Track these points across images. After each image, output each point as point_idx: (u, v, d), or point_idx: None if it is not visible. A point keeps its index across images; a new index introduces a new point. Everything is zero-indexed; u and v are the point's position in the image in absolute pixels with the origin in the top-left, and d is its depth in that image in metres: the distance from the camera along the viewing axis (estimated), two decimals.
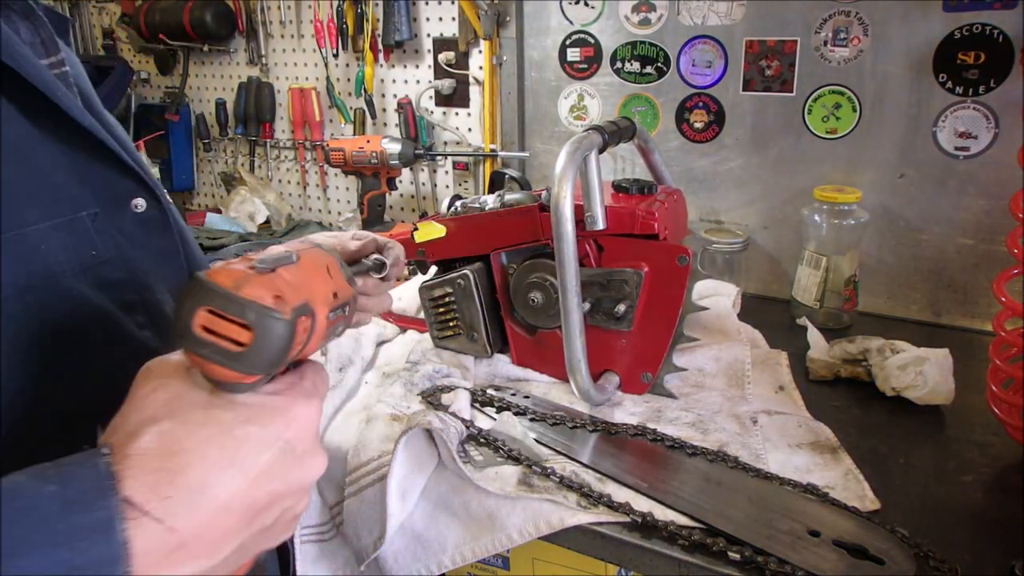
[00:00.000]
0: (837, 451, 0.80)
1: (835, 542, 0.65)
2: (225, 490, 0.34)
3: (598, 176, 0.85)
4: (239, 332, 0.35)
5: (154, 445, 0.34)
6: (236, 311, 0.35)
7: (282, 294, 0.36)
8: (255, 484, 0.36)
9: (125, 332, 0.49)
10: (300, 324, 0.37)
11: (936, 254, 1.19)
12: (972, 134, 1.12)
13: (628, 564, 0.70)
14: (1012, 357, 0.79)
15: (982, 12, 1.07)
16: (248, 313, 0.35)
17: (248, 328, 0.35)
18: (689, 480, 0.75)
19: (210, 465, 0.34)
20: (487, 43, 1.45)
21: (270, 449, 0.37)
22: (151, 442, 0.34)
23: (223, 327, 0.35)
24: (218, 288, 0.35)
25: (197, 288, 0.35)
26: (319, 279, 0.41)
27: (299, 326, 0.37)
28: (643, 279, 0.87)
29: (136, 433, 0.34)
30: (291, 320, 0.36)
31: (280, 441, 0.37)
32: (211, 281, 0.35)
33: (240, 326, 0.35)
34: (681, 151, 1.35)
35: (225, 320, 0.35)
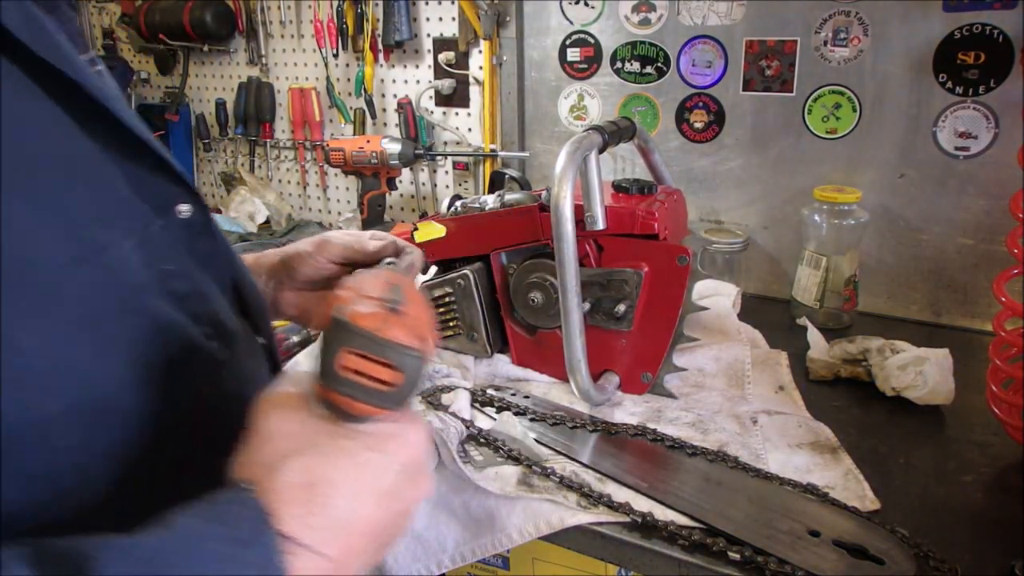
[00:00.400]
0: (837, 451, 0.80)
1: (835, 542, 0.65)
2: (361, 515, 0.37)
3: (598, 176, 0.85)
4: (384, 372, 0.37)
5: (294, 478, 0.36)
6: (382, 353, 0.37)
7: (418, 333, 0.38)
8: (380, 506, 0.38)
9: (197, 345, 0.46)
10: (428, 357, 0.39)
11: (936, 254, 1.19)
12: (972, 134, 1.12)
13: (628, 564, 0.70)
14: (1012, 357, 0.79)
15: (982, 12, 1.07)
16: (393, 355, 0.37)
17: (394, 368, 0.37)
18: (689, 480, 0.75)
19: (347, 493, 0.37)
20: (487, 43, 1.45)
21: (391, 473, 0.39)
22: (291, 476, 0.36)
23: (369, 368, 0.37)
24: (363, 331, 0.37)
25: (342, 330, 0.37)
26: (423, 306, 0.42)
27: (427, 356, 0.39)
28: (643, 279, 0.87)
29: (275, 467, 0.36)
30: (427, 357, 0.38)
31: (398, 464, 0.39)
32: (356, 324, 0.37)
33: (385, 367, 0.37)
34: (681, 151, 1.35)
35: (371, 361, 0.37)
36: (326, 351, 0.37)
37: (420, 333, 0.38)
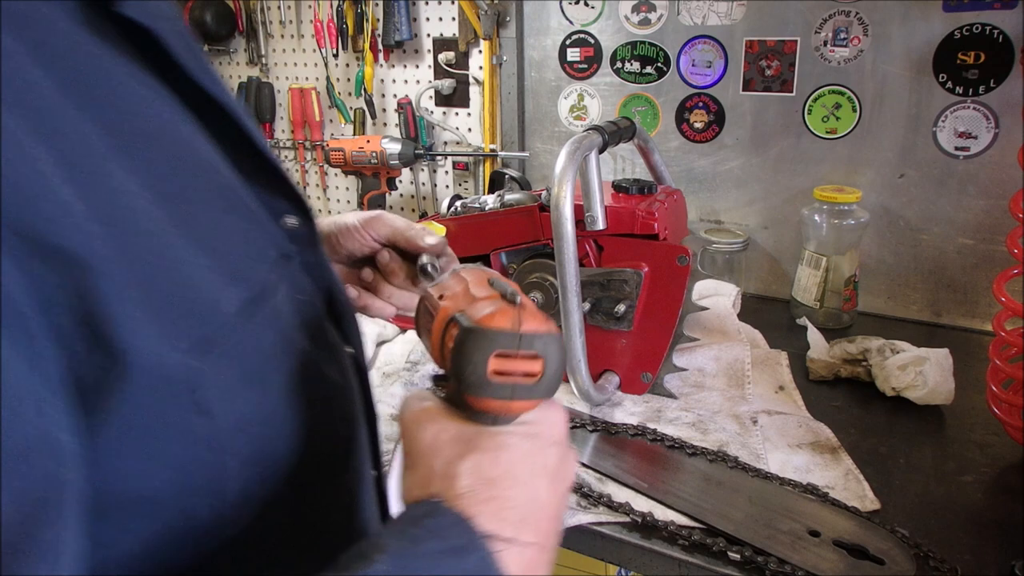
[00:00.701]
0: (837, 451, 0.80)
1: (835, 542, 0.65)
2: (541, 497, 0.38)
3: (598, 176, 0.85)
4: (532, 364, 0.37)
5: (473, 480, 0.37)
6: (527, 346, 0.37)
7: (543, 315, 0.38)
8: (553, 484, 0.40)
9: (325, 375, 0.43)
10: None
11: (936, 254, 1.19)
12: (972, 134, 1.12)
13: (628, 564, 0.70)
14: (1012, 357, 0.79)
15: (982, 12, 1.07)
16: (537, 344, 0.37)
17: (539, 357, 0.37)
18: (689, 480, 0.75)
19: (523, 482, 0.38)
20: (487, 43, 1.45)
21: (550, 454, 0.40)
22: (469, 479, 0.37)
23: (516, 365, 0.37)
24: (503, 331, 0.37)
25: (480, 337, 0.37)
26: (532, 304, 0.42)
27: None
28: (643, 279, 0.87)
29: (449, 475, 0.37)
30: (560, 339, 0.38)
31: (553, 443, 0.41)
32: (493, 327, 0.37)
33: (532, 359, 0.37)
34: (681, 151, 1.35)
35: (517, 359, 0.37)
36: (467, 360, 0.37)
37: (543, 315, 0.39)
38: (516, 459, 0.38)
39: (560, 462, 0.41)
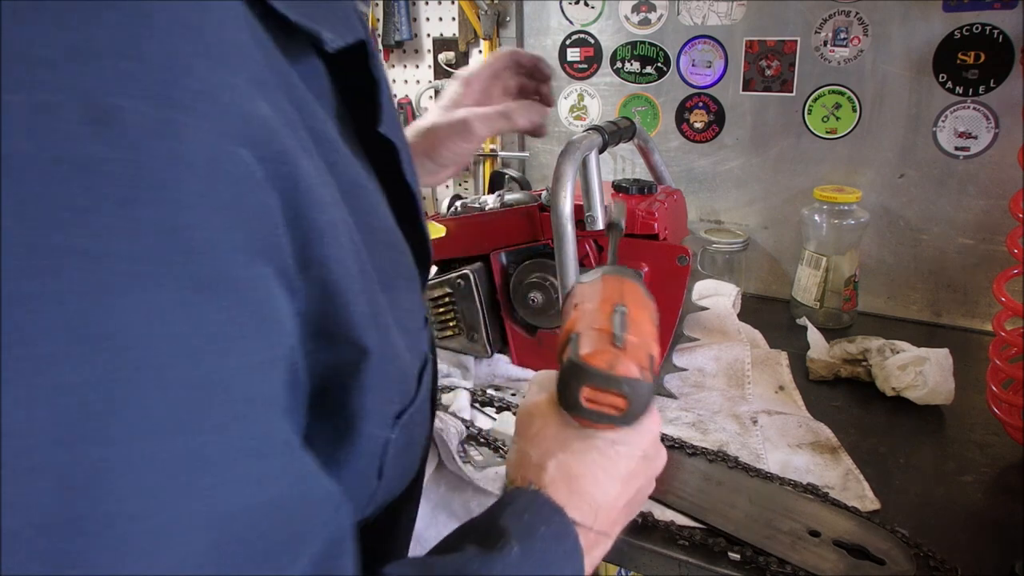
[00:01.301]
0: (837, 451, 0.80)
1: (835, 542, 0.65)
2: (611, 496, 0.45)
3: (598, 176, 0.85)
4: (617, 400, 0.43)
5: (558, 475, 0.44)
6: (615, 387, 0.43)
7: (641, 362, 0.44)
8: (628, 485, 0.47)
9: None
10: (654, 369, 0.46)
11: (936, 254, 1.19)
12: (972, 134, 1.12)
13: (628, 564, 0.70)
14: (1012, 357, 0.79)
15: (982, 12, 1.07)
16: (623, 387, 0.43)
17: (624, 397, 0.43)
18: (689, 480, 0.75)
19: (600, 481, 0.45)
20: (487, 43, 1.45)
21: (634, 459, 0.47)
22: (555, 473, 0.44)
23: (604, 399, 0.44)
24: (597, 371, 0.43)
25: (579, 371, 0.44)
26: (646, 321, 0.48)
27: (651, 374, 0.45)
28: (643, 279, 0.87)
29: (543, 467, 0.44)
30: (652, 379, 0.45)
31: (639, 451, 0.47)
32: (590, 365, 0.43)
33: (617, 396, 0.43)
34: (681, 151, 1.35)
35: (604, 393, 0.43)
36: (566, 384, 0.44)
37: (642, 360, 0.44)
38: (598, 462, 0.45)
39: (641, 467, 0.47)
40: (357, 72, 0.39)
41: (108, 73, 0.24)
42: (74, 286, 0.22)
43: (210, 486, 0.26)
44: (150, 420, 0.24)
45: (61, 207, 0.22)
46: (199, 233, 0.25)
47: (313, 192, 0.30)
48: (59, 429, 0.22)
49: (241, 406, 0.27)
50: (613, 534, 0.47)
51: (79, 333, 0.22)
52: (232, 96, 0.27)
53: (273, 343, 0.29)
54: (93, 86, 0.23)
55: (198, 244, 0.25)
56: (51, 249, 0.22)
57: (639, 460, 0.47)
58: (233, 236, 0.26)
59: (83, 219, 0.23)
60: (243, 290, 0.27)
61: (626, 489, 0.47)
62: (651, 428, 0.48)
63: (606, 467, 0.45)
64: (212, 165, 0.25)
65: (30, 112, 0.22)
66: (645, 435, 0.47)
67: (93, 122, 0.23)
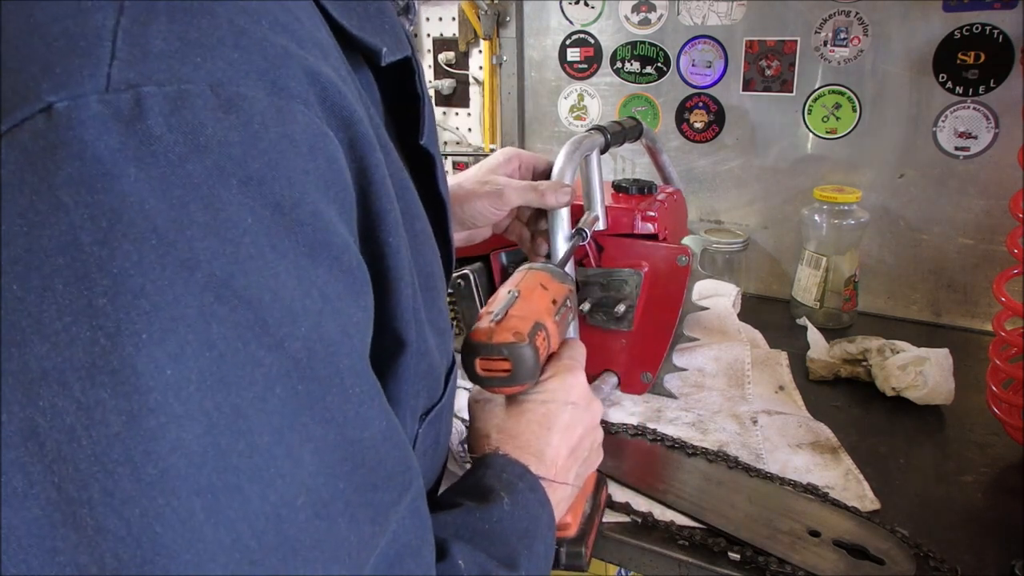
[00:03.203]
0: (837, 451, 0.80)
1: (835, 542, 0.65)
2: (553, 445, 0.52)
3: (599, 176, 0.85)
4: (502, 364, 0.51)
5: (502, 437, 0.51)
6: (495, 353, 0.51)
7: (517, 329, 0.52)
8: (566, 435, 0.53)
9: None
10: (538, 339, 0.53)
11: (936, 254, 1.19)
12: (972, 134, 1.12)
13: (628, 564, 0.70)
14: (1012, 357, 0.79)
15: (982, 12, 1.07)
16: (503, 352, 0.51)
17: (507, 359, 0.51)
18: (689, 480, 0.75)
19: (538, 434, 0.52)
20: (487, 43, 1.45)
21: (565, 410, 0.53)
22: (498, 436, 0.51)
23: (492, 365, 0.51)
24: (478, 343, 0.51)
25: (467, 346, 0.52)
26: (538, 300, 0.56)
27: (538, 340, 0.52)
28: (643, 279, 0.87)
29: (487, 434, 0.52)
30: (529, 342, 0.51)
31: (568, 404, 0.53)
32: (473, 340, 0.52)
33: (501, 360, 0.51)
34: (681, 151, 1.35)
35: (491, 360, 0.51)
36: (464, 362, 0.52)
37: (519, 328, 0.52)
38: (531, 420, 0.52)
39: (575, 416, 0.54)
40: (400, 85, 0.41)
41: (226, 62, 0.26)
42: (209, 255, 0.25)
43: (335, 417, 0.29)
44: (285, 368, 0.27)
45: (197, 184, 0.25)
46: (307, 206, 0.28)
47: (382, 185, 0.34)
48: (206, 377, 0.25)
49: (351, 359, 0.31)
50: (568, 480, 0.53)
51: (219, 295, 0.25)
52: (323, 84, 0.30)
53: (362, 306, 0.32)
54: (219, 75, 0.26)
55: (306, 216, 0.28)
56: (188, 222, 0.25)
57: (569, 410, 0.54)
58: (331, 210, 0.29)
59: (214, 195, 0.25)
60: (343, 258, 0.30)
61: (565, 438, 0.53)
62: (573, 383, 0.55)
63: (540, 422, 0.52)
64: (313, 146, 0.29)
65: (165, 99, 0.25)
66: (569, 389, 0.54)
67: (222, 108, 0.26)
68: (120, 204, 0.24)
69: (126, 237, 0.24)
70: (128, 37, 0.25)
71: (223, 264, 0.25)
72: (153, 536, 0.24)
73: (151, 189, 0.24)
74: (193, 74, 0.25)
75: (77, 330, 0.24)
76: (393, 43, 0.37)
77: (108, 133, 0.24)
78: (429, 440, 0.44)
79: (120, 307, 0.24)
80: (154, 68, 0.25)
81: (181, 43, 0.25)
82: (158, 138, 0.24)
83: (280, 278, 0.27)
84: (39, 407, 0.24)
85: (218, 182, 0.25)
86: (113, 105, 0.24)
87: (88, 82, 0.24)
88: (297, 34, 0.30)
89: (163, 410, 0.24)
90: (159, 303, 0.24)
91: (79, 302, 0.23)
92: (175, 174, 0.25)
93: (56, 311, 0.23)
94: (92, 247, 0.24)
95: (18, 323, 0.23)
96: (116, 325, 0.24)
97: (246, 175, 0.26)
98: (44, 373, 0.23)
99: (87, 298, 0.24)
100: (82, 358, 0.24)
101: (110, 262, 0.24)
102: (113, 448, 0.24)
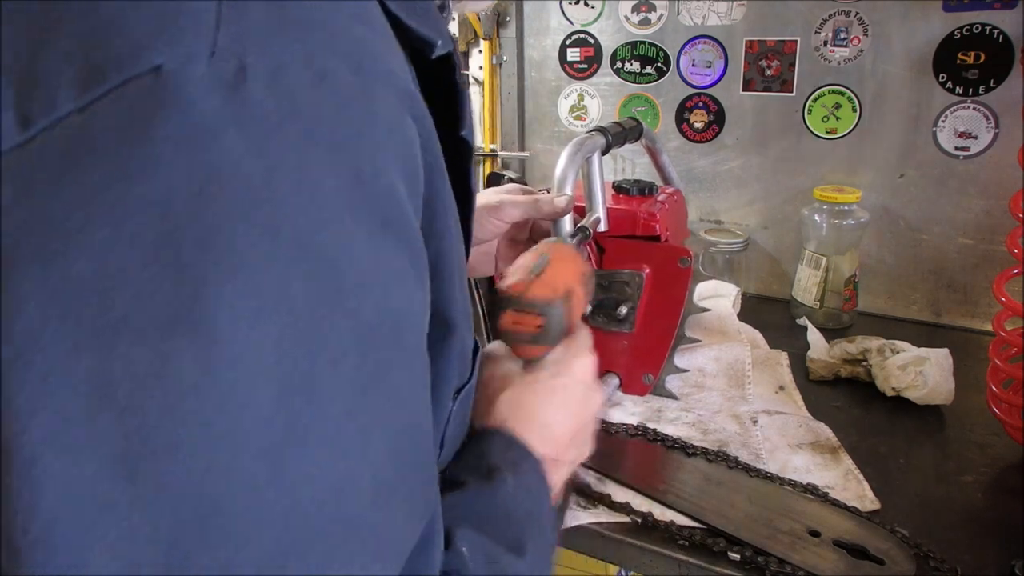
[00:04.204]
0: (837, 451, 0.80)
1: (835, 542, 0.65)
2: (559, 421, 0.50)
3: (600, 178, 0.85)
4: (535, 320, 0.50)
5: (510, 407, 0.49)
6: (529, 308, 0.50)
7: (555, 290, 0.51)
8: (574, 416, 0.52)
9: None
10: (572, 301, 0.52)
11: (936, 254, 1.19)
12: (972, 134, 1.12)
13: (628, 564, 0.70)
14: (1012, 357, 0.79)
15: (982, 12, 1.07)
16: (537, 308, 0.50)
17: (540, 315, 0.50)
18: (689, 480, 0.75)
19: (546, 410, 0.50)
20: (487, 43, 1.45)
21: (575, 389, 0.52)
22: (506, 406, 0.49)
23: (525, 319, 0.50)
24: (514, 296, 0.50)
25: (501, 299, 0.51)
26: (571, 268, 0.55)
27: (572, 302, 0.52)
28: (645, 281, 0.87)
29: (493, 402, 0.49)
30: (559, 306, 0.51)
31: (578, 383, 0.53)
32: (509, 292, 0.51)
33: (534, 316, 0.50)
34: (681, 151, 1.35)
35: (523, 314, 0.50)
36: (493, 314, 0.51)
37: (555, 287, 0.51)
38: (542, 393, 0.51)
39: (584, 397, 0.53)
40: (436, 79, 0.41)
41: (317, 42, 0.28)
42: (295, 215, 0.26)
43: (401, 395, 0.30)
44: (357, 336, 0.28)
45: (289, 148, 0.26)
46: (383, 180, 0.29)
47: (442, 172, 0.35)
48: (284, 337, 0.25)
49: (415, 337, 0.32)
50: (565, 460, 0.52)
51: (301, 254, 0.26)
52: (397, 74, 0.32)
53: (423, 287, 0.33)
54: (311, 50, 0.28)
55: (382, 189, 0.29)
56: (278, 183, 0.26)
57: (581, 391, 0.53)
58: (402, 189, 0.31)
59: (304, 157, 0.27)
60: (410, 236, 0.31)
61: (572, 417, 0.52)
62: (585, 363, 0.54)
63: (551, 398, 0.51)
64: (392, 126, 0.30)
65: (265, 69, 0.26)
66: (581, 367, 0.54)
67: (314, 80, 0.27)
68: (217, 161, 0.25)
69: (220, 194, 0.25)
70: (231, 11, 0.26)
71: (307, 224, 0.26)
72: (215, 493, 0.24)
73: (247, 149, 0.25)
74: (289, 48, 0.27)
75: (162, 281, 0.24)
76: (440, 37, 0.39)
77: (212, 95, 0.25)
78: (459, 419, 0.45)
79: (207, 261, 0.24)
80: (255, 40, 0.26)
81: (278, 21, 0.27)
82: (258, 103, 0.26)
83: (356, 244, 0.28)
84: (114, 356, 0.23)
85: (308, 146, 0.27)
86: (218, 70, 0.25)
87: (196, 47, 0.25)
88: (372, 25, 0.31)
89: (239, 365, 0.24)
90: (245, 259, 0.25)
91: (167, 253, 0.24)
92: (270, 137, 0.26)
93: (142, 261, 0.24)
94: (186, 201, 0.24)
95: (102, 271, 0.23)
96: (202, 278, 0.24)
97: (333, 141, 0.27)
98: (123, 321, 0.23)
99: (175, 250, 0.24)
100: (164, 309, 0.24)
101: (202, 217, 0.24)
102: (186, 400, 0.24)
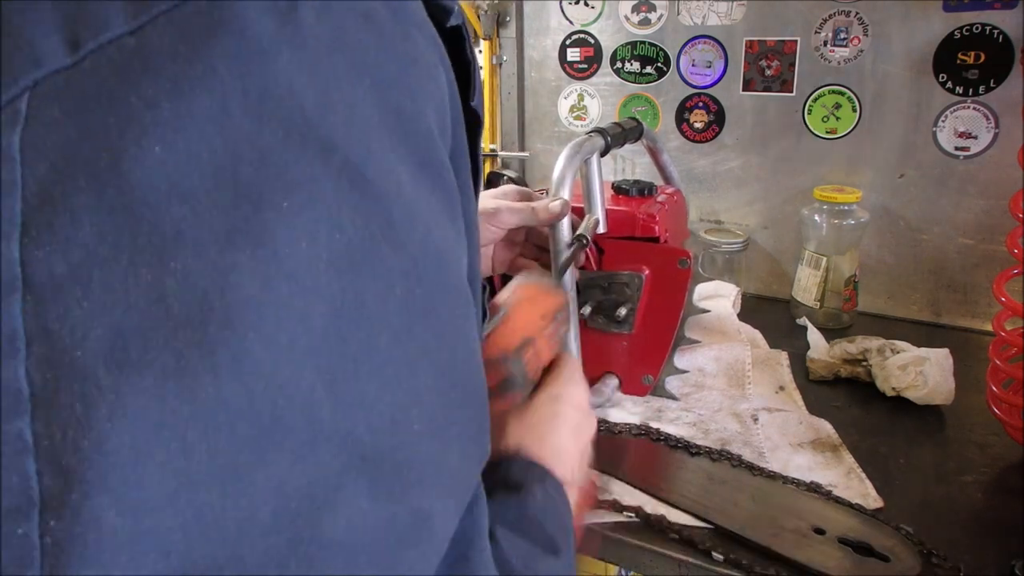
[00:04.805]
0: (838, 449, 0.81)
1: (840, 540, 0.66)
2: (563, 442, 0.52)
3: (599, 179, 0.85)
4: (496, 374, 0.52)
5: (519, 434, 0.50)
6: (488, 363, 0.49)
7: (501, 347, 0.53)
8: (575, 438, 0.53)
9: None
10: (527, 354, 0.54)
11: (936, 254, 1.20)
12: (972, 134, 1.12)
13: (628, 564, 0.70)
14: (1012, 357, 0.80)
15: (982, 12, 1.07)
16: (496, 365, 0.52)
17: (499, 368, 0.52)
18: (692, 479, 0.75)
19: (556, 434, 0.51)
20: (487, 43, 1.45)
21: (576, 410, 0.54)
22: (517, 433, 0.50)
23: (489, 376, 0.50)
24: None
25: None
26: (526, 316, 0.57)
27: (526, 356, 0.53)
28: (644, 282, 0.87)
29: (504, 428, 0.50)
30: (515, 358, 0.53)
31: (577, 410, 0.54)
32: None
33: (495, 371, 0.52)
34: (681, 151, 1.35)
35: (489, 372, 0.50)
36: None
37: (511, 339, 0.53)
38: (546, 418, 0.53)
39: (582, 421, 0.54)
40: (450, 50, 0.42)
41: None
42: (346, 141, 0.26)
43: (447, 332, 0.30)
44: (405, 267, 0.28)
45: (338, 76, 0.27)
46: (423, 121, 0.30)
47: (461, 127, 0.35)
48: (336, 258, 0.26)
49: (457, 276, 0.32)
50: (575, 483, 0.53)
51: (352, 181, 0.26)
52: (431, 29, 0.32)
53: (458, 230, 0.33)
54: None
55: (422, 129, 0.30)
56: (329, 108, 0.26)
57: (581, 413, 0.55)
58: (437, 133, 0.31)
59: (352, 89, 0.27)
60: (446, 179, 0.32)
61: (575, 440, 0.53)
62: (577, 391, 0.56)
63: (555, 423, 0.53)
64: (429, 72, 0.31)
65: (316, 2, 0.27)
66: (575, 395, 0.55)
67: (361, 17, 0.28)
68: (272, 82, 0.25)
69: (275, 113, 0.25)
70: None
71: (357, 152, 0.27)
72: (274, 409, 0.24)
73: (300, 72, 0.25)
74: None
75: (219, 195, 0.24)
76: (457, 6, 0.39)
77: (267, 17, 0.25)
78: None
79: (264, 178, 0.24)
80: None
81: None
82: (310, 28, 0.26)
83: (400, 178, 0.28)
84: (170, 269, 0.23)
85: (355, 77, 0.27)
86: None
87: None
88: None
89: (297, 279, 0.25)
90: (300, 179, 0.25)
91: (225, 169, 0.24)
92: (322, 63, 0.26)
93: (199, 175, 0.24)
94: (242, 119, 0.24)
95: (156, 185, 0.23)
96: (259, 193, 0.24)
97: (378, 77, 0.28)
98: (179, 234, 0.23)
99: (232, 166, 0.24)
100: (222, 222, 0.24)
101: (258, 135, 0.24)
102: (247, 312, 0.24)
